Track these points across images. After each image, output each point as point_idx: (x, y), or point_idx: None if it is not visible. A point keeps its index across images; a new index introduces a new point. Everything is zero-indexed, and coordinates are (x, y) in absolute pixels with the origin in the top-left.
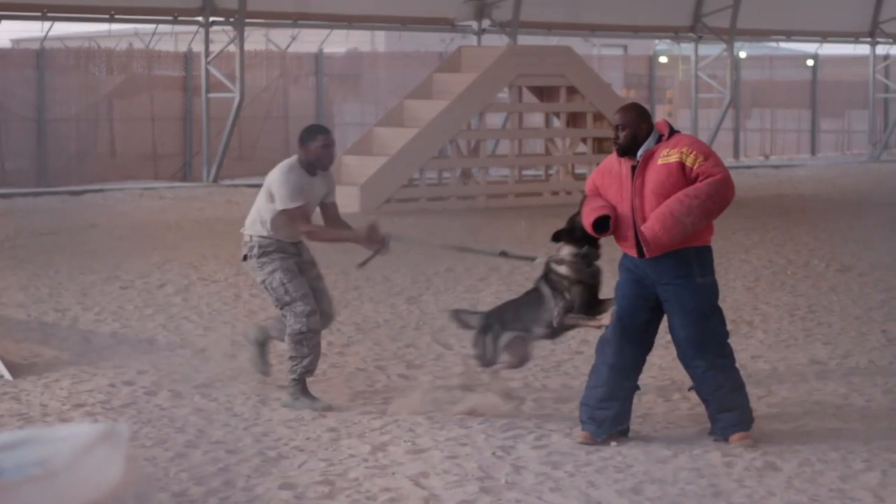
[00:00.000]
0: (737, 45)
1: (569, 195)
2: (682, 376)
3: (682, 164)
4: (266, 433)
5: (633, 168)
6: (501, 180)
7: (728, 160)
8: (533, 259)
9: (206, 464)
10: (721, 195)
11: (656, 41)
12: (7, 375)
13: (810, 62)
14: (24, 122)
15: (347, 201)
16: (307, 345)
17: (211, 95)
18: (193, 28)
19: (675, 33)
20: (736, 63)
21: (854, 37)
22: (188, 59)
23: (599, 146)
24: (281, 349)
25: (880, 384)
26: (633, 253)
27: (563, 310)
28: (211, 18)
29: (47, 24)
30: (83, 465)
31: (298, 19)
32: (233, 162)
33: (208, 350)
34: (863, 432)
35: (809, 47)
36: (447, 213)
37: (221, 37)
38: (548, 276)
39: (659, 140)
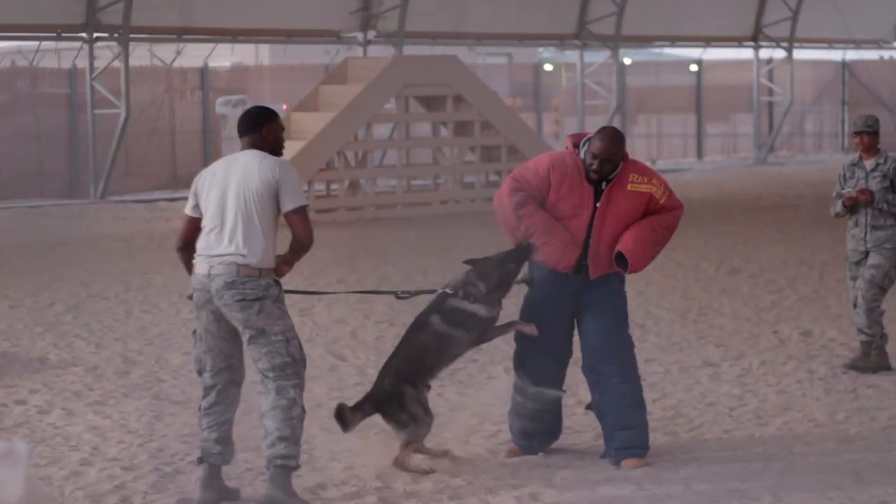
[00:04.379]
0: (622, 51)
1: (458, 204)
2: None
3: (651, 196)
4: (161, 449)
5: (598, 190)
6: (390, 191)
7: None
8: (434, 292)
9: (102, 481)
10: (676, 227)
11: (541, 49)
12: None
13: (694, 67)
14: None
15: None
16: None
17: (97, 112)
18: (77, 44)
19: (560, 41)
20: (621, 69)
21: (737, 41)
22: (73, 75)
23: (488, 155)
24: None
25: (773, 384)
26: (569, 269)
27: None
28: (95, 34)
29: None
30: None
31: (183, 34)
32: (120, 178)
33: (100, 367)
34: (758, 432)
35: (693, 52)
36: (336, 224)
37: (106, 52)
38: (447, 312)
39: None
